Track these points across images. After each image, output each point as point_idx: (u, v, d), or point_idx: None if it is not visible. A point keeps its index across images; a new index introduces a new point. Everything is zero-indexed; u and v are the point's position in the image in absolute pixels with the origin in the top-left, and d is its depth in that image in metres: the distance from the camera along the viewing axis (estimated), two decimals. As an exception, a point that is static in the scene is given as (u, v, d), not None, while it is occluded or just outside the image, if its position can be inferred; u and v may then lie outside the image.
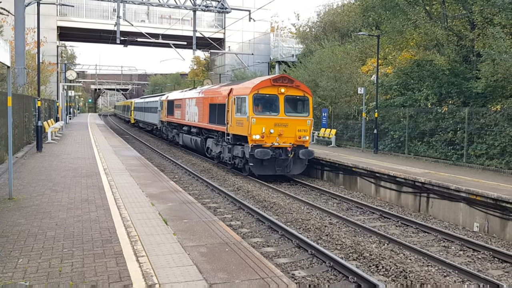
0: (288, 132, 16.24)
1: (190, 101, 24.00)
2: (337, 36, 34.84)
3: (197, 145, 22.83)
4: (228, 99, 17.63)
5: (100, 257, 5.80)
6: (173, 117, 28.27)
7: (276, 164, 16.14)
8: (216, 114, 19.07)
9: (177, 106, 27.08)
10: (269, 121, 16.02)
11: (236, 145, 17.35)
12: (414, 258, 8.42)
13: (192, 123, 23.43)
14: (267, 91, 16.22)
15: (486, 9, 17.63)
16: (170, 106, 29.33)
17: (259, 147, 15.78)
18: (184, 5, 27.07)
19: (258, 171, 16.23)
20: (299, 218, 11.10)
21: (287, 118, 16.26)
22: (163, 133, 33.20)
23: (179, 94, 28.22)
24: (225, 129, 17.86)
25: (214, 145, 20.10)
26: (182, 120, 25.72)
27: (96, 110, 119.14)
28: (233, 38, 42.83)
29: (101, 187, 10.66)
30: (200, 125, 21.72)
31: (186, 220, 7.88)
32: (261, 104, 16.25)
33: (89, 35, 46.15)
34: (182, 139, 26.19)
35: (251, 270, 5.55)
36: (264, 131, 15.83)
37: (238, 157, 17.21)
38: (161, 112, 32.57)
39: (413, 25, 20.82)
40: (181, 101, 26.07)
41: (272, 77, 16.48)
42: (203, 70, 62.79)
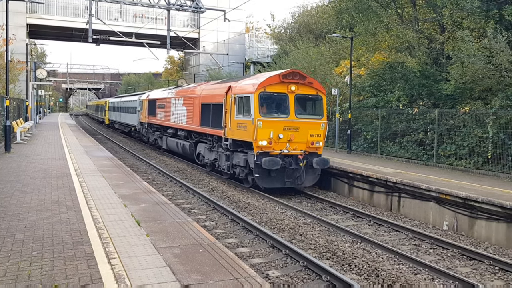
0: (299, 137, 14.08)
1: (176, 100, 21.55)
2: (312, 37, 35.14)
3: (184, 151, 20.51)
4: (226, 98, 15.32)
5: (70, 259, 5.69)
6: (155, 118, 25.61)
7: (286, 175, 13.93)
8: (210, 116, 16.82)
9: (160, 106, 24.49)
10: (277, 124, 13.84)
11: (236, 152, 15.06)
12: (386, 256, 8.57)
13: (178, 125, 21.01)
14: (275, 88, 13.97)
15: (456, 13, 18.10)
16: (151, 106, 26.69)
17: (266, 155, 13.59)
18: (158, 4, 26.82)
19: (264, 183, 13.98)
20: (274, 218, 11.14)
21: (298, 121, 14.09)
22: (143, 136, 30.16)
23: (163, 92, 25.42)
24: (222, 133, 15.54)
25: (207, 151, 17.83)
26: (166, 122, 23.16)
27: (67, 110, 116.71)
28: (207, 38, 42.64)
29: (72, 188, 10.45)
30: (189, 127, 19.46)
31: (160, 221, 7.81)
32: (268, 104, 14.15)
33: (60, 33, 45.15)
34: (166, 143, 23.67)
35: (225, 271, 5.54)
36: (272, 136, 13.64)
37: (239, 167, 14.88)
38: (140, 112, 29.73)
39: (386, 28, 21.20)
40: (165, 101, 23.46)
41: (281, 73, 14.14)
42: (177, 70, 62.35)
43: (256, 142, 13.60)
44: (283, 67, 29.93)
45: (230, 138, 15.03)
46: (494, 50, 15.07)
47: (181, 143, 20.85)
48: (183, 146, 20.59)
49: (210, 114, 16.86)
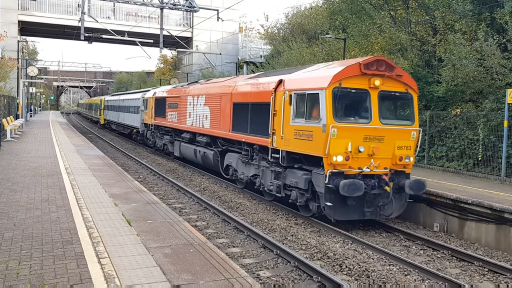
0: (383, 150, 10.43)
1: (195, 98, 17.82)
2: (305, 38, 35.19)
3: (206, 161, 16.80)
4: (275, 96, 11.73)
5: (60, 258, 5.65)
6: (164, 119, 21.87)
7: (366, 203, 10.29)
8: (249, 119, 13.21)
9: (171, 106, 20.86)
10: (357, 132, 10.19)
11: (292, 169, 11.35)
12: (376, 257, 8.60)
13: (198, 129, 17.29)
14: (353, 83, 10.24)
15: (448, 15, 18.20)
16: (159, 105, 22.91)
17: (341, 175, 9.99)
18: (151, 3, 26.75)
19: (337, 214, 10.27)
20: (265, 219, 11.14)
21: (383, 128, 10.44)
22: (147, 140, 26.18)
23: (175, 89, 21.75)
24: (267, 142, 11.89)
25: (241, 164, 14.15)
26: (180, 125, 19.59)
27: (58, 108, 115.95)
28: (201, 38, 42.56)
29: (62, 187, 10.38)
30: (215, 133, 15.68)
31: (150, 221, 7.77)
32: (344, 105, 10.47)
33: (52, 31, 44.87)
34: (180, 150, 19.97)
35: (215, 271, 5.52)
36: (350, 149, 10.00)
37: (297, 189, 11.04)
38: (145, 113, 25.98)
39: (378, 29, 21.27)
40: (179, 99, 19.84)
41: (363, 61, 10.24)
42: (170, 69, 62.17)
43: (329, 158, 9.88)
44: (276, 67, 29.98)
45: (283, 150, 11.34)
46: (485, 53, 15.19)
47: (201, 151, 17.01)
48: (204, 155, 16.81)
49: (249, 117, 13.21)
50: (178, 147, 20.19)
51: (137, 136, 29.76)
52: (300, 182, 10.84)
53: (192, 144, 18.40)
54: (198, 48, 41.09)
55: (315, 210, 10.73)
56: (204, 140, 16.84)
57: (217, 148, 16.02)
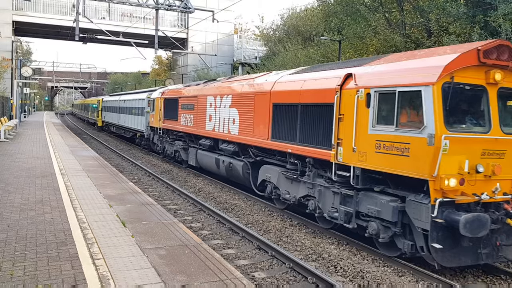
0: (505, 169, 7.71)
1: (218, 99, 14.95)
2: (300, 39, 35.28)
3: (232, 173, 14.15)
4: (340, 95, 8.90)
5: (54, 260, 5.63)
6: (176, 123, 19.17)
7: (482, 243, 7.52)
8: (298, 124, 10.39)
9: (186, 107, 18.05)
10: (475, 145, 7.50)
11: (370, 192, 8.46)
12: (371, 258, 8.62)
13: (222, 135, 14.50)
14: (468, 77, 7.46)
15: (442, 18, 18.32)
16: (170, 106, 20.03)
17: (451, 204, 7.30)
18: (146, 4, 26.72)
19: (446, 258, 7.44)
20: (260, 220, 11.14)
21: (506, 140, 7.77)
22: (154, 145, 23.32)
23: (191, 88, 18.66)
24: (330, 156, 9.06)
25: (284, 181, 11.16)
26: (197, 129, 16.72)
27: (52, 109, 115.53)
28: (196, 39, 42.56)
29: (56, 188, 10.34)
30: (245, 140, 12.90)
31: (145, 222, 7.76)
32: (456, 107, 7.54)
33: (46, 31, 44.70)
34: (196, 158, 17.10)
35: (211, 272, 5.52)
36: (466, 168, 7.30)
37: (379, 220, 8.17)
38: (151, 114, 23.05)
39: (373, 31, 21.38)
40: (197, 100, 16.89)
41: (482, 46, 7.47)
42: (165, 70, 62.10)
43: (439, 181, 7.12)
44: (272, 68, 30.02)
45: (356, 167, 8.46)
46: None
47: (226, 161, 14.46)
48: (229, 166, 14.21)
49: (297, 122, 10.43)
50: (194, 155, 17.33)
51: (141, 141, 26.83)
52: (385, 211, 7.98)
53: (213, 153, 15.65)
54: (194, 49, 41.09)
55: (408, 249, 7.85)
56: (230, 149, 14.05)
57: (248, 158, 13.34)
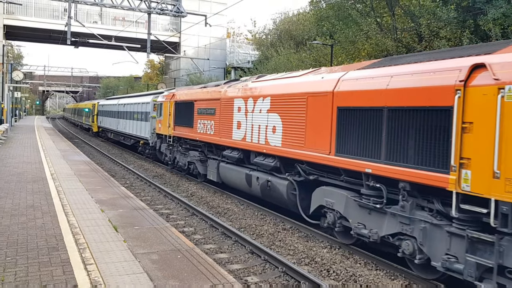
0: None
1: (250, 102, 12.28)
2: (293, 44, 35.42)
3: (271, 193, 11.54)
4: (464, 94, 6.40)
5: (46, 265, 5.58)
6: (191, 130, 16.44)
7: None
8: (383, 135, 7.84)
9: (204, 112, 15.32)
10: None
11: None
12: (363, 262, 8.64)
13: (256, 147, 11.88)
14: None
15: (433, 23, 18.49)
16: (183, 110, 17.46)
17: None
18: (139, 8, 26.69)
19: None
20: (253, 224, 11.13)
21: None
22: (161, 155, 20.82)
23: (210, 90, 15.66)
24: (445, 182, 6.52)
25: (357, 211, 8.60)
26: (220, 138, 14.04)
27: (44, 113, 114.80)
28: (188, 43, 42.57)
29: (48, 192, 10.27)
30: (294, 154, 10.20)
31: (137, 227, 7.72)
32: None
33: (38, 35, 44.49)
34: (219, 173, 14.49)
35: (203, 277, 5.51)
36: None
37: None
38: (159, 120, 20.51)
39: (365, 36, 21.52)
40: (219, 103, 14.26)
41: None
42: (157, 74, 62.01)
43: None
44: (264, 72, 30.10)
45: (500, 200, 5.85)
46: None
47: (262, 179, 11.78)
48: (267, 185, 11.56)
49: (382, 131, 7.84)
50: (215, 169, 14.75)
51: (145, 149, 24.33)
52: None
53: (242, 167, 13.08)
54: (186, 53, 41.09)
55: None
56: (269, 163, 11.38)
57: (294, 176, 10.68)
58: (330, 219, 9.40)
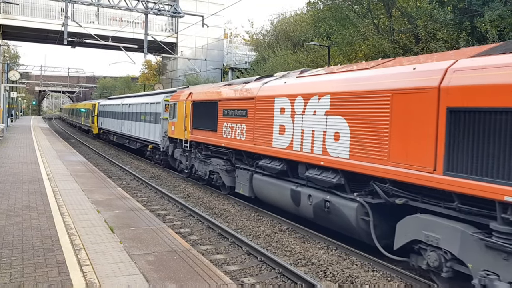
0: None
1: (300, 102, 9.99)
2: (290, 44, 35.43)
3: (330, 217, 9.31)
4: None
5: (41, 266, 5.55)
6: (214, 134, 14.19)
7: None
8: None
9: (232, 113, 13.04)
10: None
11: None
12: (360, 263, 8.64)
13: (307, 157, 9.65)
14: None
15: (430, 24, 18.53)
16: (204, 111, 15.12)
17: None
18: (136, 8, 26.64)
19: None
20: (250, 225, 11.12)
21: None
22: (175, 161, 18.67)
23: (239, 88, 13.30)
24: None
25: (483, 253, 6.05)
26: (255, 145, 11.75)
27: (40, 113, 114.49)
28: (186, 43, 42.54)
29: (43, 193, 10.23)
30: (368, 169, 7.98)
31: (134, 228, 7.70)
32: None
33: (34, 35, 44.35)
34: (253, 186, 12.23)
35: (200, 278, 5.49)
36: None
37: None
38: (172, 122, 18.30)
39: (362, 37, 21.55)
40: (254, 104, 11.92)
41: None
42: (154, 74, 61.93)
43: None
44: (261, 73, 30.09)
45: None
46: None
47: (317, 198, 9.49)
48: (324, 206, 9.31)
49: None
50: (247, 181, 12.56)
51: (154, 154, 22.18)
52: None
53: (285, 181, 10.79)
54: (183, 53, 41.05)
55: None
56: (329, 179, 9.00)
57: (366, 197, 8.34)
58: (433, 260, 6.87)
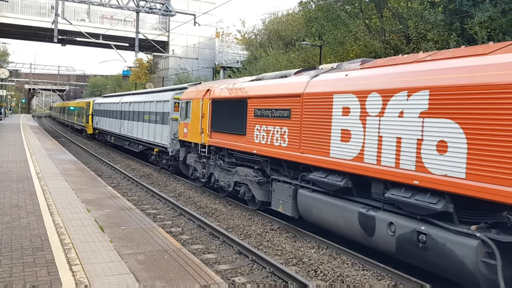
0: None
1: (376, 100, 7.63)
2: (281, 44, 35.43)
3: (427, 254, 6.76)
4: None
5: (30, 266, 5.50)
6: (241, 139, 11.93)
7: None
8: None
9: (267, 114, 10.80)
10: None
11: None
12: (351, 262, 8.67)
13: (392, 173, 7.23)
14: None
15: (421, 25, 18.64)
16: (228, 111, 12.76)
17: None
18: (127, 6, 26.49)
19: None
20: (241, 224, 11.11)
21: None
22: (187, 168, 16.04)
23: (276, 83, 11.15)
24: None
25: None
26: (302, 154, 9.49)
27: (30, 111, 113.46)
28: (177, 42, 42.38)
29: (33, 192, 10.13)
30: (504, 195, 5.45)
31: (124, 227, 7.66)
32: None
33: (24, 32, 43.92)
34: (298, 204, 9.97)
35: (190, 278, 5.47)
36: None
37: None
38: (183, 123, 16.01)
39: (354, 37, 21.62)
40: (301, 101, 9.60)
41: None
42: (145, 73, 61.63)
43: None
44: (253, 73, 30.08)
45: None
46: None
47: (403, 227, 7.16)
48: (416, 240, 6.89)
49: None
50: (291, 198, 10.08)
51: (161, 159, 19.65)
52: None
53: (348, 201, 8.61)
54: (175, 52, 40.89)
55: None
56: (428, 205, 6.68)
57: (492, 232, 6.04)
58: None
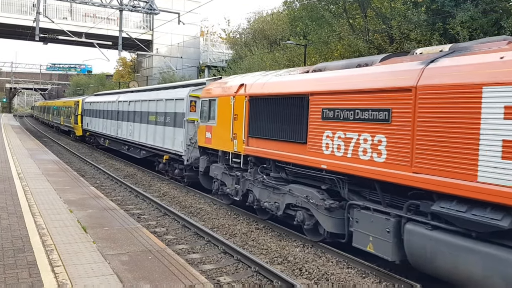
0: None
1: None
2: (266, 43, 35.47)
3: None
4: None
5: (11, 267, 5.41)
6: (301, 148, 8.74)
7: None
8: None
9: (344, 116, 7.64)
10: None
11: None
12: (335, 260, 8.71)
13: None
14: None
15: (404, 25, 18.83)
16: (275, 113, 9.62)
17: None
18: (110, 4, 26.24)
19: None
20: (226, 224, 11.09)
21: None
22: (210, 181, 13.21)
23: (358, 72, 7.75)
24: None
25: None
26: (418, 174, 6.21)
27: (11, 111, 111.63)
28: (161, 41, 42.10)
29: (14, 192, 9.97)
30: None
31: (107, 228, 7.58)
32: None
33: (5, 31, 43.20)
34: (406, 246, 6.74)
35: (175, 278, 5.44)
36: None
37: None
38: (204, 126, 13.13)
39: (338, 37, 21.74)
40: (411, 98, 6.25)
41: None
42: (129, 72, 61.15)
43: None
44: (238, 72, 30.04)
45: None
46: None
47: None
48: None
49: None
50: (391, 235, 7.12)
51: (173, 168, 16.33)
52: None
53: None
54: (159, 51, 40.65)
55: None
56: None
57: None
58: None
